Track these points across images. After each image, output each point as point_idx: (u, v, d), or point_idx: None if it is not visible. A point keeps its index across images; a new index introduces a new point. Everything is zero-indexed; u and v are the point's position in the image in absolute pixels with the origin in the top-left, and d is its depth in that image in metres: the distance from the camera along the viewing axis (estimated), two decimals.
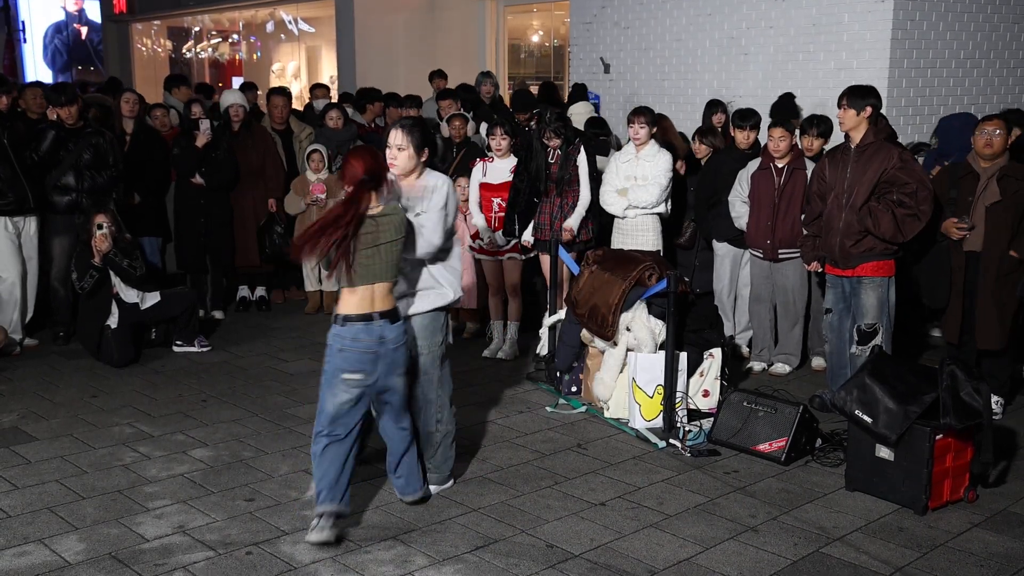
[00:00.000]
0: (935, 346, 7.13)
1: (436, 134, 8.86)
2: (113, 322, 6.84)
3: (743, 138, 7.02)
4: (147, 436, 5.52)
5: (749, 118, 7.02)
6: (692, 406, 5.74)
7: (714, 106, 8.33)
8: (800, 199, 6.43)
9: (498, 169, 6.96)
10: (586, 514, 4.58)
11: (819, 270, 6.05)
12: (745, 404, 5.44)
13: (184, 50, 20.23)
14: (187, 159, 7.89)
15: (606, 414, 5.86)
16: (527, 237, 6.90)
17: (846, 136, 5.78)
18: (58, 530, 4.35)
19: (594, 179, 6.87)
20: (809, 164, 6.48)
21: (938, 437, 4.56)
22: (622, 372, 5.79)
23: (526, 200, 6.80)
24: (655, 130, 6.95)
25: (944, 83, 8.42)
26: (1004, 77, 8.91)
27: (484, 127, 8.10)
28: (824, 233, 5.84)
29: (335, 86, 15.17)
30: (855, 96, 5.66)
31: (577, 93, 10.34)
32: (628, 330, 5.75)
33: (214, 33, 19.88)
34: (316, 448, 4.25)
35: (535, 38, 15.71)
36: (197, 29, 20.02)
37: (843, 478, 4.94)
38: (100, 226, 6.81)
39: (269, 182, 8.30)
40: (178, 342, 7.21)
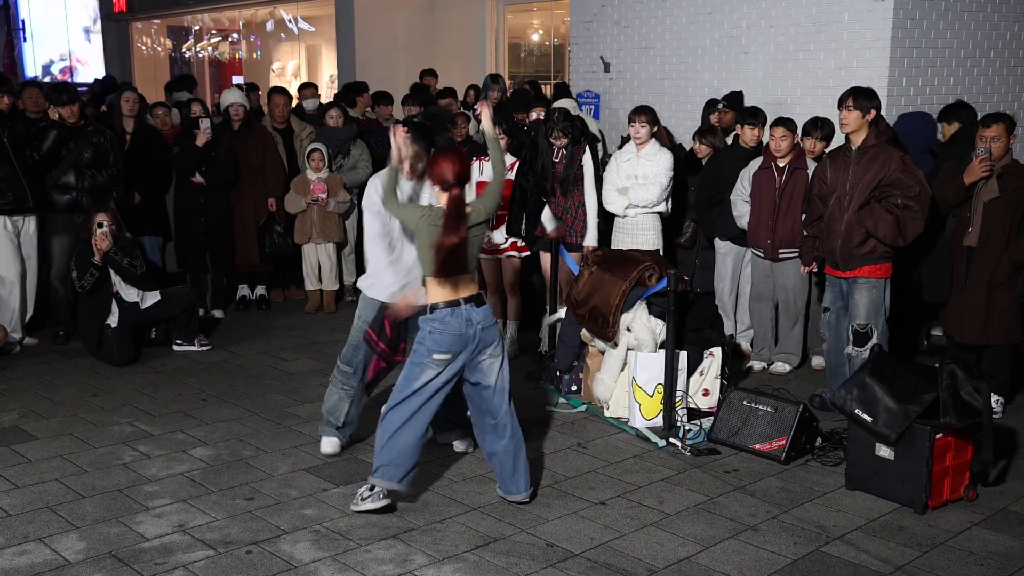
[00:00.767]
0: (937, 346, 7.13)
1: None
2: (113, 321, 6.84)
3: (752, 136, 7.01)
4: (147, 435, 5.52)
5: (759, 115, 7.03)
6: (692, 405, 5.74)
7: (712, 105, 8.33)
8: (801, 199, 6.43)
9: None
10: (586, 513, 4.58)
11: (815, 271, 6.07)
12: (745, 403, 5.44)
13: (184, 49, 20.23)
14: (187, 158, 7.89)
15: (606, 413, 5.86)
16: (550, 228, 6.83)
17: (846, 138, 5.76)
18: (58, 529, 4.35)
19: (597, 179, 6.86)
20: (811, 164, 6.48)
21: (938, 436, 4.56)
22: (622, 372, 5.79)
23: (535, 200, 6.80)
24: (656, 129, 6.95)
25: (944, 82, 8.41)
26: (1004, 76, 8.90)
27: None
28: (825, 235, 5.84)
29: (335, 85, 15.18)
30: (861, 98, 5.61)
31: (560, 92, 10.39)
32: (629, 330, 5.75)
33: (214, 32, 19.88)
34: (394, 419, 4.43)
35: (535, 37, 15.71)
36: (197, 28, 20.02)
37: (843, 477, 4.94)
38: (100, 225, 6.80)
39: (269, 181, 8.30)
40: (178, 341, 7.22)
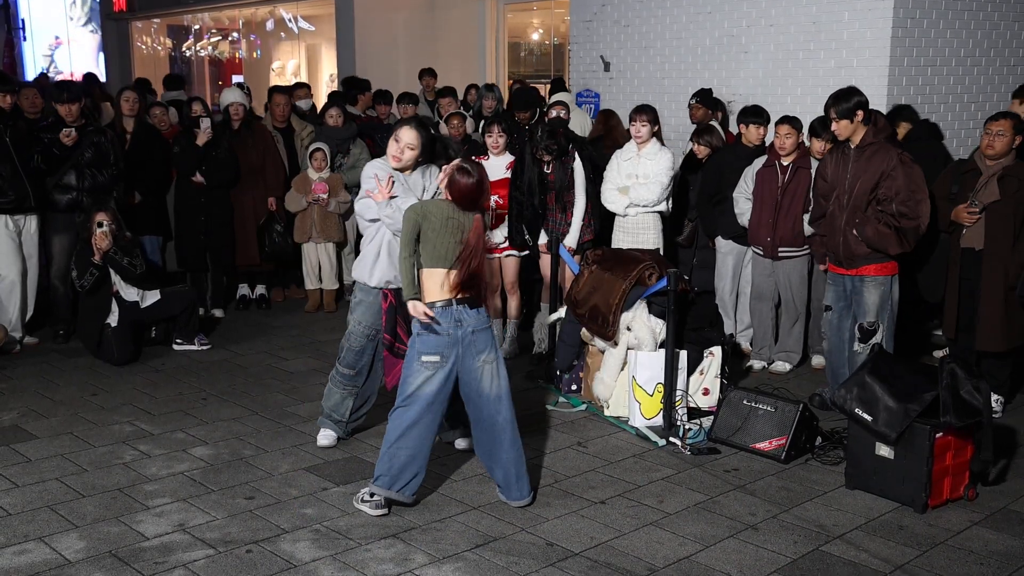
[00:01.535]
0: (938, 345, 7.13)
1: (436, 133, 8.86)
2: (113, 320, 6.84)
3: (756, 135, 7.00)
4: (147, 434, 5.53)
5: (762, 114, 7.02)
6: (692, 404, 5.74)
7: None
8: (803, 197, 6.43)
9: (494, 167, 6.95)
10: (586, 512, 4.58)
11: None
12: (745, 402, 5.44)
13: (184, 48, 20.22)
14: (188, 158, 7.89)
15: (606, 412, 5.87)
16: (543, 240, 6.89)
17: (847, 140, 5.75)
18: (58, 528, 4.35)
19: (591, 180, 6.86)
20: (814, 163, 6.47)
21: (938, 435, 4.56)
22: (622, 371, 5.79)
23: (531, 212, 6.80)
24: (657, 128, 6.95)
25: (944, 81, 8.42)
26: (1004, 75, 8.90)
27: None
28: (828, 232, 5.83)
29: (335, 85, 15.18)
30: (840, 104, 5.52)
31: (556, 87, 10.45)
32: (629, 329, 5.75)
33: (214, 31, 19.87)
34: (395, 427, 4.45)
35: (535, 36, 15.72)
36: (197, 27, 20.01)
37: (843, 476, 4.94)
38: (100, 224, 6.81)
39: (269, 180, 8.30)
40: (178, 340, 7.22)
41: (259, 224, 8.30)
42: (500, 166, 6.93)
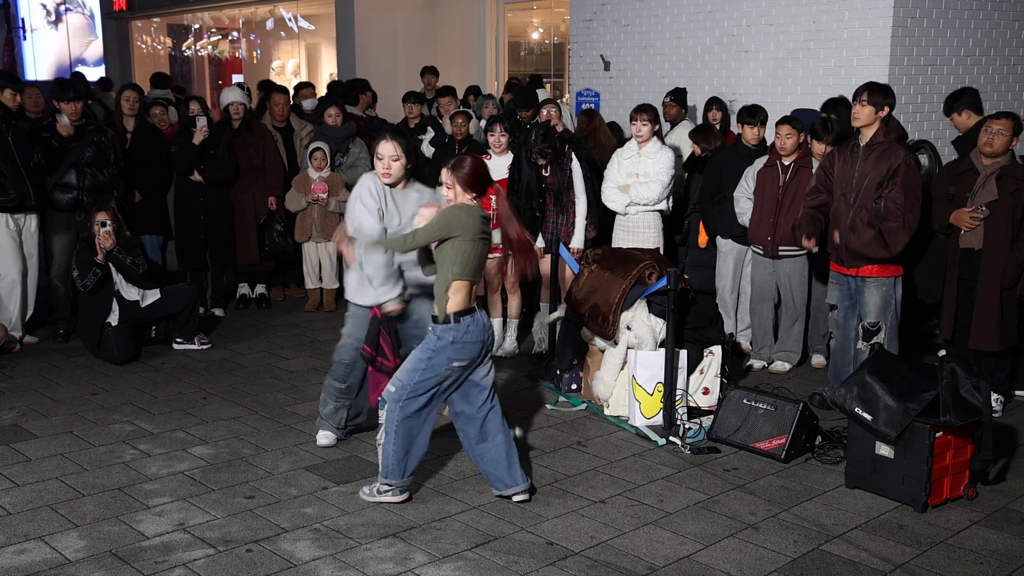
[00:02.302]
0: (940, 345, 7.12)
1: (429, 130, 8.87)
2: (114, 320, 6.84)
3: (752, 134, 6.99)
4: (147, 433, 5.53)
5: (758, 114, 7.01)
6: (692, 404, 5.74)
7: (710, 104, 8.35)
8: (803, 197, 6.41)
9: (496, 166, 6.95)
10: (586, 511, 4.58)
11: (814, 249, 6.03)
12: (745, 401, 5.44)
13: (184, 48, 20.22)
14: (185, 157, 7.88)
15: (606, 412, 5.87)
16: (539, 244, 6.91)
17: (856, 133, 5.73)
18: (58, 527, 4.35)
19: (589, 179, 6.85)
20: (815, 164, 6.45)
21: (938, 434, 4.56)
22: (622, 370, 5.79)
23: (529, 216, 6.80)
24: (657, 127, 6.95)
25: (944, 80, 8.42)
26: (1004, 74, 8.91)
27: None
28: (831, 230, 5.81)
29: None
30: (876, 93, 5.55)
31: (533, 84, 10.50)
32: (629, 329, 5.75)
33: (214, 30, 19.87)
34: (409, 425, 4.49)
35: (535, 36, 15.73)
36: (197, 26, 20.01)
37: (843, 475, 4.95)
38: (104, 223, 6.81)
39: (269, 179, 8.31)
40: (178, 339, 7.22)
41: (259, 223, 8.31)
42: (502, 166, 6.93)
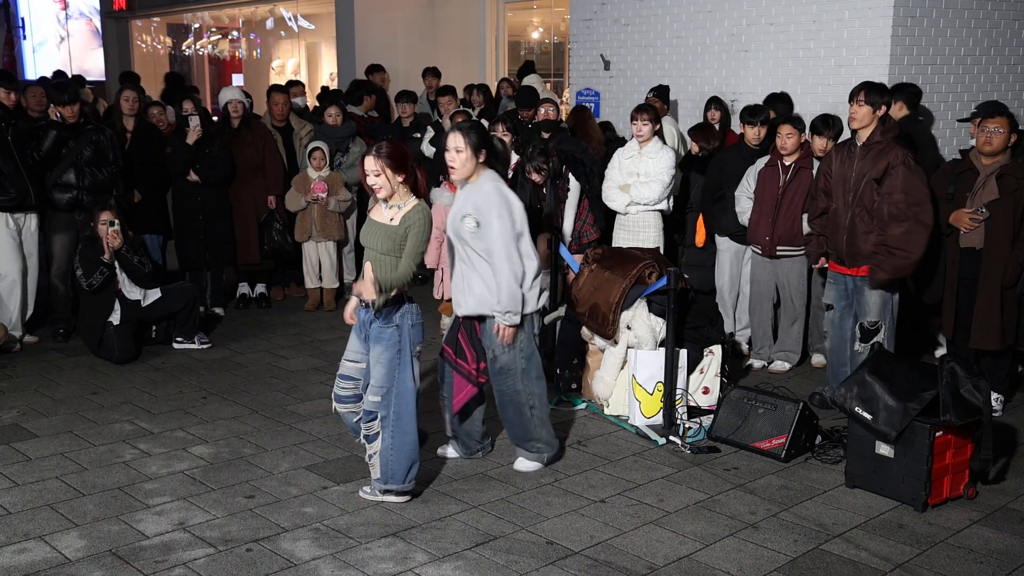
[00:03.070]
0: (941, 344, 7.12)
1: (429, 129, 8.88)
2: (115, 319, 6.84)
3: (753, 135, 6.98)
4: (147, 433, 5.53)
5: (758, 114, 6.99)
6: (692, 403, 5.75)
7: (709, 103, 8.36)
8: (803, 198, 6.42)
9: None
10: (586, 511, 4.58)
11: (825, 266, 6.03)
12: (745, 401, 5.44)
13: (183, 47, 20.22)
14: (180, 157, 7.86)
15: (606, 411, 5.87)
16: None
17: (853, 133, 5.73)
18: (58, 527, 4.35)
19: (592, 185, 6.81)
20: (816, 164, 6.45)
21: (938, 434, 4.56)
22: (622, 370, 5.79)
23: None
24: (658, 127, 6.94)
25: (944, 80, 8.41)
26: (1004, 74, 8.90)
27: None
28: (830, 230, 5.81)
29: (335, 83, 15.18)
30: (873, 93, 5.55)
31: (526, 70, 10.43)
32: (629, 328, 5.75)
33: (214, 30, 19.86)
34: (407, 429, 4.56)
35: (535, 35, 15.72)
36: (197, 26, 20.00)
37: (843, 475, 4.95)
38: (112, 223, 6.80)
39: (269, 178, 8.31)
40: (178, 339, 7.22)
41: (259, 222, 8.30)
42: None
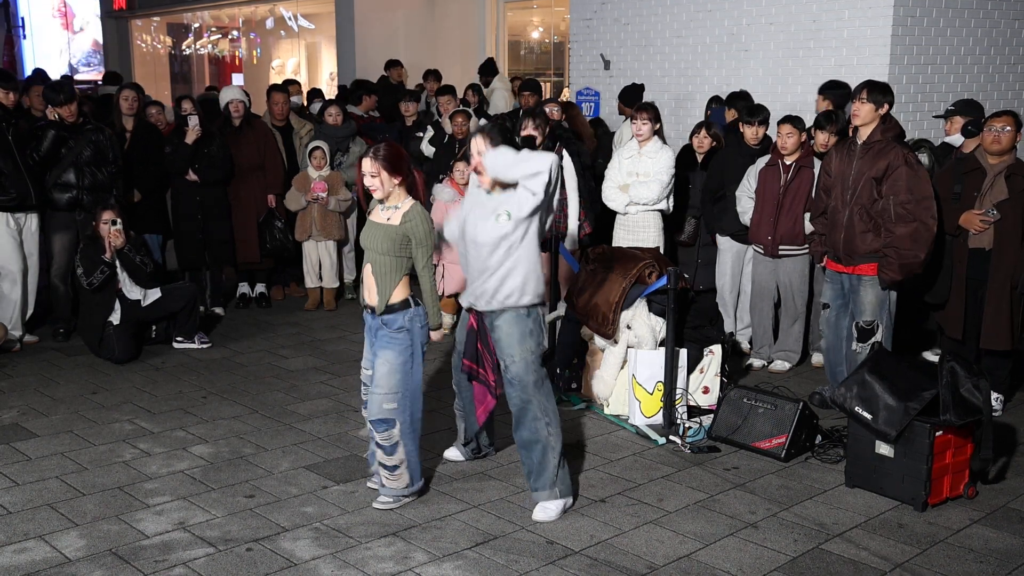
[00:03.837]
0: (934, 342, 7.12)
1: (429, 129, 8.88)
2: (115, 319, 6.83)
3: (752, 134, 6.97)
4: (147, 432, 5.53)
5: (758, 114, 6.98)
6: (692, 403, 5.74)
7: (710, 103, 8.37)
8: (804, 197, 6.41)
9: None
10: (586, 510, 4.58)
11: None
12: (745, 401, 5.44)
13: (183, 47, 20.22)
14: (179, 157, 7.86)
15: (606, 411, 5.87)
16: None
17: (854, 131, 5.72)
18: (58, 526, 4.35)
19: (581, 175, 6.81)
20: (817, 163, 6.45)
21: (938, 433, 4.56)
22: (622, 369, 5.79)
23: None
24: (658, 126, 6.94)
25: (944, 79, 8.42)
26: (1004, 73, 8.90)
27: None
28: (829, 228, 5.81)
29: (335, 83, 15.18)
30: (876, 91, 5.53)
31: (485, 70, 10.39)
32: (628, 328, 5.75)
33: (214, 29, 19.87)
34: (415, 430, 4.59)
35: (535, 35, 15.73)
36: (197, 25, 20.01)
37: (843, 475, 4.95)
38: (114, 222, 6.80)
39: (269, 178, 8.30)
40: (178, 338, 7.21)
41: (259, 221, 8.30)
42: None
